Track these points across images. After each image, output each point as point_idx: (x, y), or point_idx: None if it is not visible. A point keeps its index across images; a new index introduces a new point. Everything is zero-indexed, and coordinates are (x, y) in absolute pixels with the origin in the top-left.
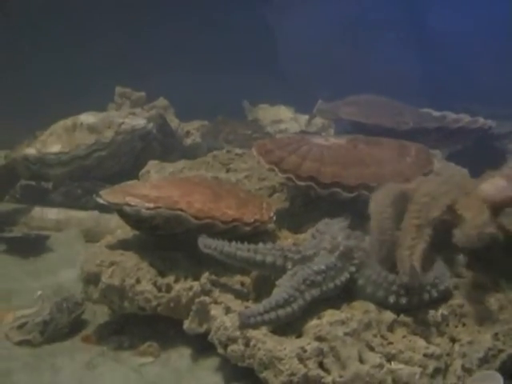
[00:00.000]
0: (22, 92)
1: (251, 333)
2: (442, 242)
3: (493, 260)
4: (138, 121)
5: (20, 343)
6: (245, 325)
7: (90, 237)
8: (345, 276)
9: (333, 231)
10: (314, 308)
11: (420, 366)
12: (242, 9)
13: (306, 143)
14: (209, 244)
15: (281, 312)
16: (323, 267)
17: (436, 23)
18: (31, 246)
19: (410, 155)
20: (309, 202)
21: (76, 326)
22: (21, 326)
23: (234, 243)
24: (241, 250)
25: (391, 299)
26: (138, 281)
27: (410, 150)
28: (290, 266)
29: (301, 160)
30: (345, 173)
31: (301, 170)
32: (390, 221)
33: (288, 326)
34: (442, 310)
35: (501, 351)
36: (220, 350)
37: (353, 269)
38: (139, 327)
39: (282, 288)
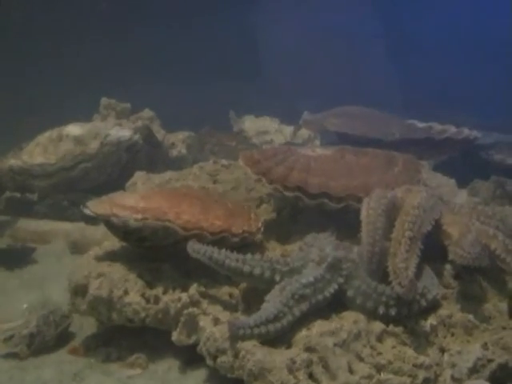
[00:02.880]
0: (7, 103)
1: (240, 344)
2: (429, 253)
3: (481, 270)
4: (124, 132)
5: (6, 356)
6: (234, 335)
7: (77, 249)
8: (333, 287)
9: (321, 243)
10: (303, 319)
11: (409, 377)
12: (227, 21)
13: (293, 154)
14: (198, 249)
15: (270, 327)
16: (311, 279)
17: (421, 35)
18: (17, 258)
19: (397, 165)
20: (296, 213)
21: (63, 339)
22: (7, 339)
23: (223, 251)
24: (229, 258)
25: (381, 310)
26: (126, 292)
27: (398, 160)
28: (278, 278)
29: (288, 171)
30: (332, 183)
31: (288, 180)
32: (382, 231)
33: (277, 337)
34: (431, 321)
35: (490, 361)
36: (209, 362)
37: (341, 280)
38: (127, 339)
39: (272, 303)
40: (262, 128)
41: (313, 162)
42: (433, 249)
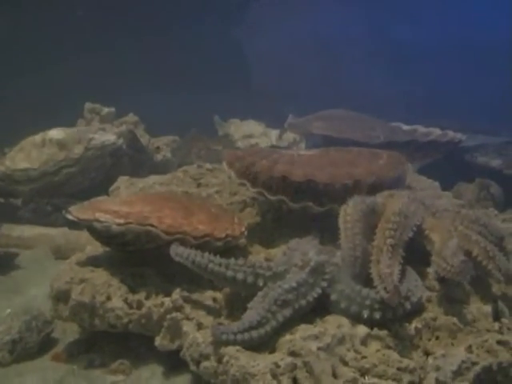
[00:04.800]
0: None
1: (224, 349)
2: (413, 256)
3: None
4: (108, 136)
5: None
6: (217, 340)
7: (60, 254)
8: (316, 292)
9: (304, 247)
10: (287, 323)
11: (394, 380)
12: (212, 26)
13: (277, 153)
14: (181, 252)
15: (254, 333)
16: (294, 284)
17: (404, 39)
18: (0, 265)
19: (381, 158)
20: (280, 217)
21: (46, 345)
22: None
23: (206, 254)
24: (213, 262)
25: (365, 314)
26: (109, 298)
27: (382, 154)
28: (261, 284)
29: (272, 163)
30: (317, 172)
31: (272, 171)
32: (361, 236)
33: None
34: (416, 324)
35: (474, 364)
36: (192, 367)
37: (324, 284)
38: (110, 345)
39: (254, 310)
40: (248, 132)
41: (297, 158)
42: (416, 251)
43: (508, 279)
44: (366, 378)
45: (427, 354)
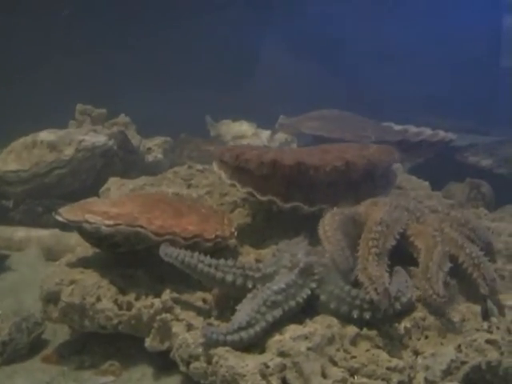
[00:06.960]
0: None
1: (213, 349)
2: (401, 255)
3: (453, 272)
4: (99, 138)
5: None
6: (207, 341)
7: (51, 255)
8: (306, 292)
9: (293, 249)
10: (276, 324)
11: (383, 380)
12: (204, 26)
13: (267, 147)
14: (170, 252)
15: (243, 334)
16: (283, 286)
17: (395, 38)
18: None
19: (372, 148)
20: (270, 217)
21: (36, 346)
22: None
23: (196, 254)
24: (202, 263)
25: (355, 314)
26: (99, 299)
27: (372, 146)
28: (250, 285)
29: (263, 153)
30: (307, 158)
31: (263, 157)
32: (344, 242)
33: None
34: (405, 323)
35: (464, 363)
36: (182, 368)
37: (313, 285)
38: (100, 346)
39: (243, 311)
40: (239, 132)
41: (287, 150)
42: (405, 252)
43: (492, 289)
44: (356, 377)
45: (417, 353)
